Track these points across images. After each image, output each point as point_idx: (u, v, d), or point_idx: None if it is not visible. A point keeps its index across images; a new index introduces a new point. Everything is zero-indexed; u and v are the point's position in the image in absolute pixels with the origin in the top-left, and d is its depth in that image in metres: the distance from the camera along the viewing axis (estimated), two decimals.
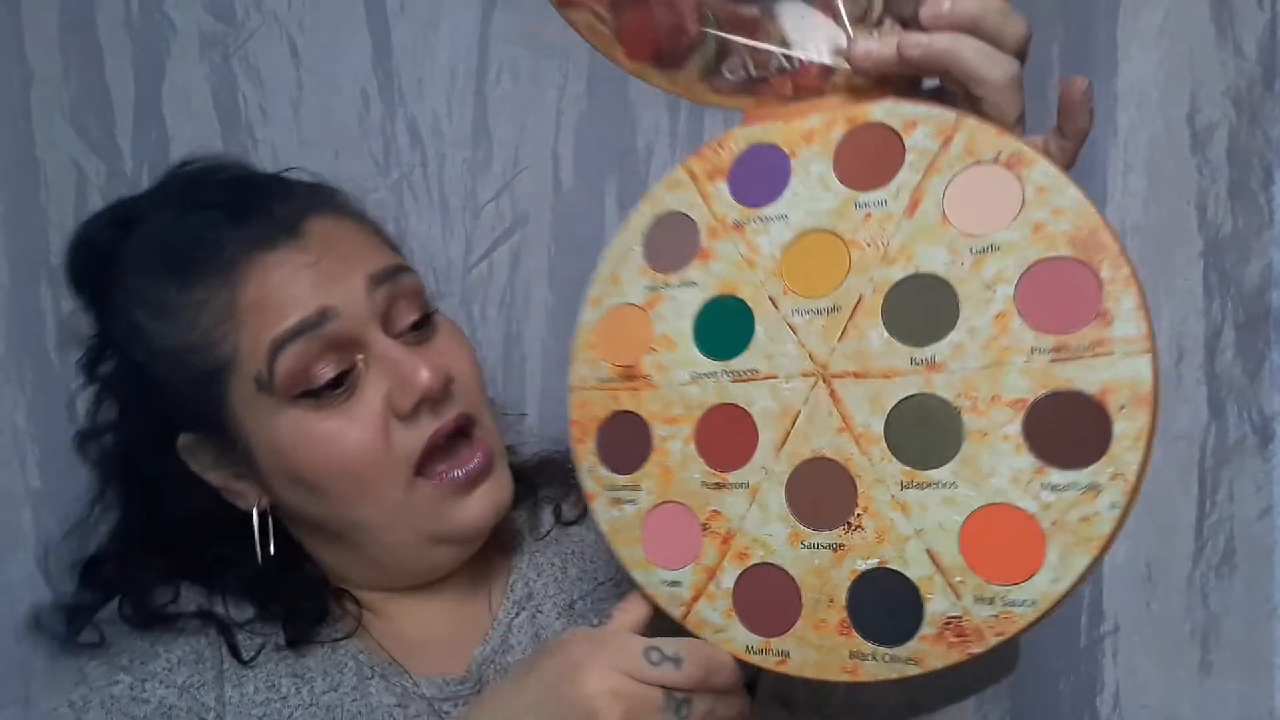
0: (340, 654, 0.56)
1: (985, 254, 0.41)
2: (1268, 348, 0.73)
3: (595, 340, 0.51)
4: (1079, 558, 0.39)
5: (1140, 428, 0.38)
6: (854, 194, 0.44)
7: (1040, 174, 0.41)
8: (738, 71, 0.47)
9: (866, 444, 0.43)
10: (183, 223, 0.55)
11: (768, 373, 0.46)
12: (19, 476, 0.79)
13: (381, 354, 0.54)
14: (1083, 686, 0.78)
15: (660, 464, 0.48)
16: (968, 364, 0.41)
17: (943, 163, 0.43)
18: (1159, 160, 0.75)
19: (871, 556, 0.43)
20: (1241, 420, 0.74)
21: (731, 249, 0.47)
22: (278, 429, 0.53)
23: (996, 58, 0.42)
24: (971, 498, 0.41)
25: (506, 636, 0.61)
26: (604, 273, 0.52)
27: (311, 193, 0.58)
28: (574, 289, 0.84)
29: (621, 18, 0.48)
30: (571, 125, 0.83)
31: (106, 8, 0.80)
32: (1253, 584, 0.74)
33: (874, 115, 0.44)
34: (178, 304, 0.54)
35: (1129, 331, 0.38)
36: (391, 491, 0.54)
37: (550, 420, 0.84)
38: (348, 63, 0.82)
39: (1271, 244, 0.73)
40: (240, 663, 0.54)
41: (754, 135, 0.47)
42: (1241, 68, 0.73)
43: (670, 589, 0.48)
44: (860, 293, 0.44)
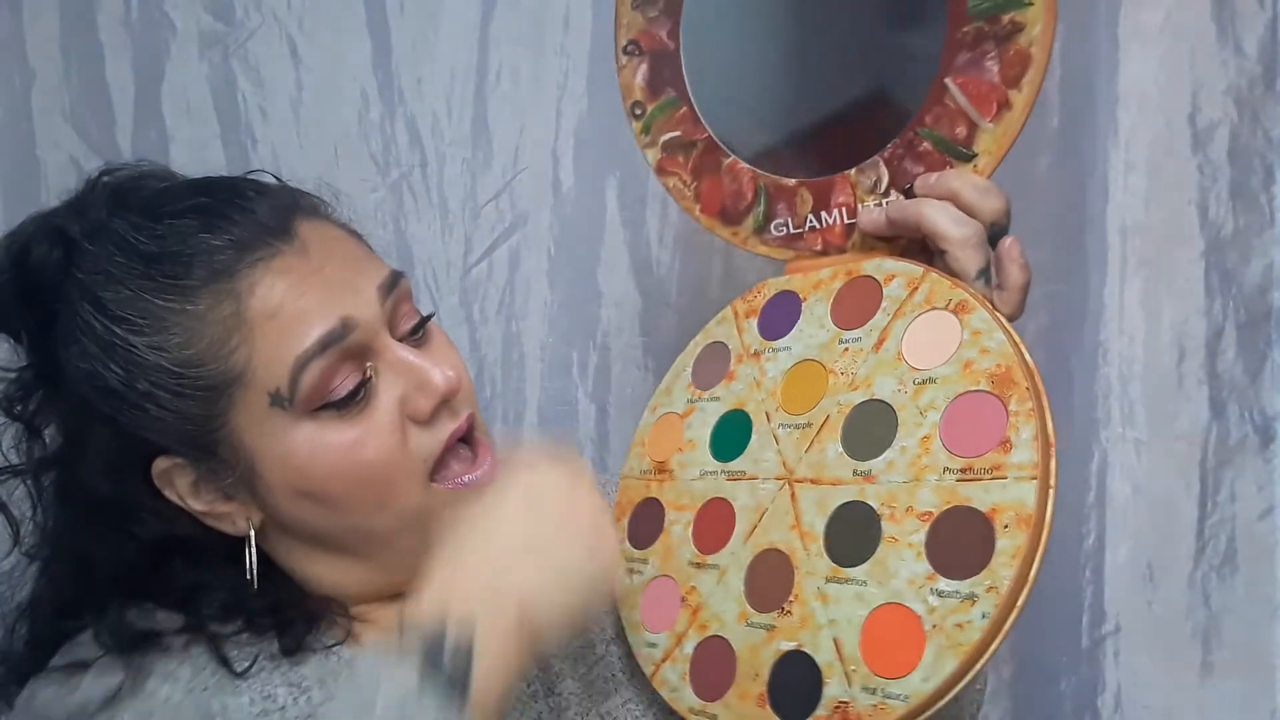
0: (334, 661, 0.55)
1: (924, 385, 0.48)
2: (1269, 347, 0.73)
3: (646, 440, 0.61)
4: (948, 661, 0.43)
5: (1018, 545, 0.42)
6: (840, 332, 0.53)
7: (978, 319, 0.48)
8: (781, 229, 0.59)
9: (808, 540, 0.50)
10: (155, 230, 0.51)
11: (752, 474, 0.54)
12: None
13: (393, 359, 0.53)
14: (1084, 687, 0.78)
15: (665, 543, 0.56)
16: (894, 478, 0.47)
17: (907, 308, 0.51)
18: (1160, 160, 0.75)
19: (793, 639, 0.48)
20: (1243, 420, 0.74)
21: (748, 373, 0.57)
22: (291, 443, 0.52)
23: (960, 220, 0.50)
24: (876, 595, 0.46)
25: None
26: (664, 386, 0.62)
27: (288, 194, 0.57)
28: (574, 289, 0.85)
29: (699, 183, 0.62)
30: (571, 125, 0.83)
31: (106, 8, 0.80)
32: (1254, 584, 0.74)
33: (865, 269, 0.54)
34: (173, 316, 0.50)
35: (1023, 459, 0.44)
36: (409, 497, 0.54)
37: (549, 420, 0.84)
38: (348, 63, 0.82)
39: (1273, 243, 0.72)
40: (234, 675, 0.52)
41: (781, 284, 0.58)
42: (1242, 67, 0.73)
43: (648, 649, 0.55)
44: (828, 412, 0.52)
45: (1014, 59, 0.50)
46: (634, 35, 0.62)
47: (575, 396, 0.84)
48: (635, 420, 0.84)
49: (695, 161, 0.61)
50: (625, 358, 0.84)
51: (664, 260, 0.83)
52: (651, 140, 0.63)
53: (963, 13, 0.51)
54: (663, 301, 0.83)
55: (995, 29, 0.51)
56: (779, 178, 0.59)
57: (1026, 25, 0.50)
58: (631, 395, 0.84)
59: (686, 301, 0.83)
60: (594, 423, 0.85)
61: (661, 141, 0.62)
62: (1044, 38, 0.49)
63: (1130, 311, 0.76)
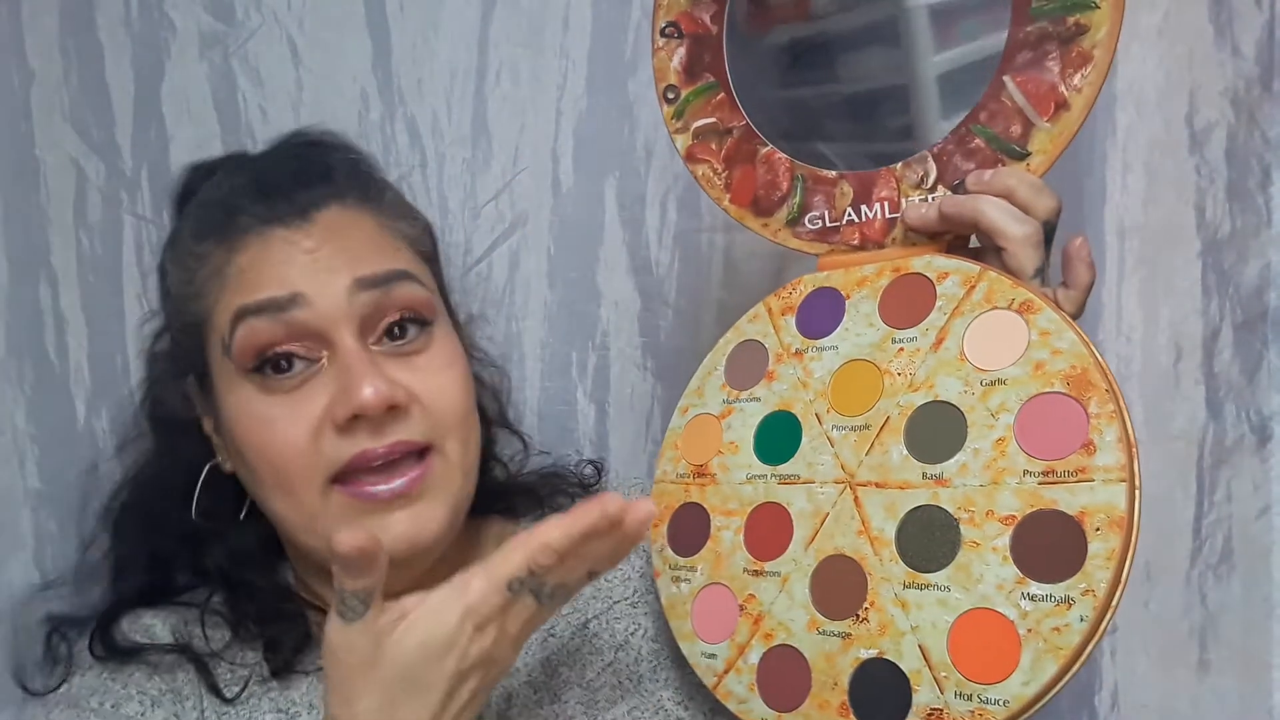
0: None
1: (993, 386, 0.47)
2: (1265, 348, 0.73)
3: (679, 443, 0.59)
4: (1048, 665, 0.43)
5: (1112, 548, 0.42)
6: (892, 331, 0.52)
7: (1045, 320, 0.47)
8: (816, 222, 0.57)
9: (879, 546, 0.49)
10: (225, 183, 0.58)
11: (807, 478, 0.53)
12: (19, 476, 0.79)
13: (342, 357, 0.52)
14: (1081, 685, 0.78)
15: (714, 550, 0.55)
16: (969, 481, 0.47)
17: (965, 307, 0.50)
18: (1157, 160, 0.75)
19: (873, 647, 0.48)
20: (1239, 420, 0.74)
21: (791, 372, 0.55)
22: (231, 397, 0.54)
23: (1020, 218, 0.49)
24: (961, 600, 0.45)
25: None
26: (693, 386, 0.60)
27: (348, 179, 0.58)
28: (574, 289, 0.85)
29: (732, 172, 0.60)
30: (571, 125, 0.83)
31: (106, 8, 0.80)
32: (1251, 583, 0.74)
33: (914, 266, 0.53)
34: (187, 254, 0.56)
35: (1109, 461, 0.43)
36: (307, 494, 0.52)
37: (548, 420, 0.84)
38: (347, 63, 0.82)
39: (1269, 244, 0.73)
40: (223, 700, 0.53)
41: (819, 280, 0.57)
42: (1240, 68, 0.73)
43: (708, 660, 0.54)
44: (888, 414, 0.50)
45: (1076, 59, 0.49)
46: (674, 17, 0.60)
47: (574, 396, 0.84)
48: (635, 420, 0.84)
49: (729, 149, 0.59)
50: (624, 358, 0.84)
51: (663, 260, 0.83)
52: (683, 126, 0.61)
53: (1025, 12, 0.50)
54: (662, 301, 0.83)
55: (1060, 30, 0.50)
56: (818, 169, 0.57)
57: (1092, 28, 0.49)
58: (631, 395, 0.84)
59: (686, 301, 0.83)
60: (593, 423, 0.85)
61: (694, 128, 0.60)
62: (1109, 40, 0.49)
63: (1128, 311, 0.76)
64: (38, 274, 0.80)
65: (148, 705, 0.52)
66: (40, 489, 0.79)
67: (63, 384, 0.80)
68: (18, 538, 0.78)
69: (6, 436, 0.78)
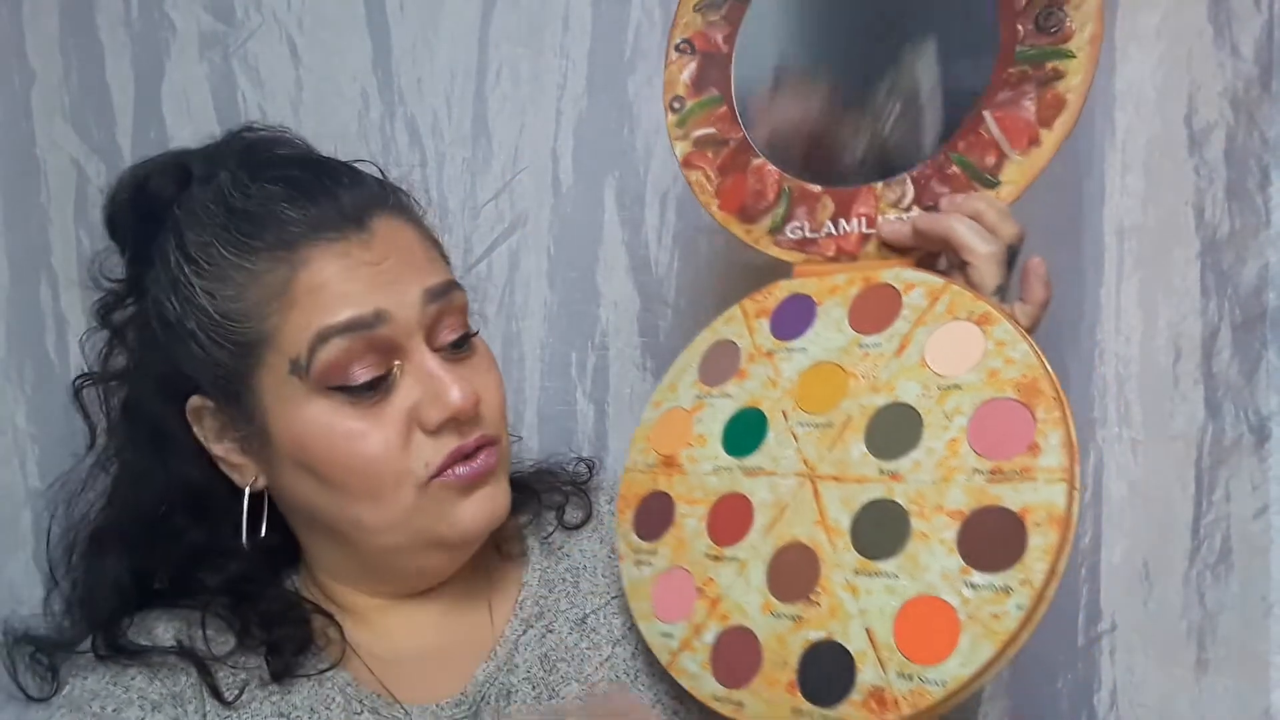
0: (327, 687, 0.55)
1: (949, 391, 0.51)
2: (1264, 348, 0.73)
3: (650, 435, 0.62)
4: (985, 648, 0.45)
5: (1050, 543, 0.45)
6: (859, 336, 0.55)
7: (1001, 331, 0.50)
8: (797, 232, 0.61)
9: (834, 535, 0.52)
10: (247, 189, 0.55)
11: (770, 470, 0.55)
12: (19, 476, 0.79)
13: (419, 364, 0.54)
14: (1080, 685, 0.78)
15: (677, 536, 0.58)
16: (922, 477, 0.50)
17: (928, 317, 0.53)
18: (1156, 161, 0.75)
19: (822, 629, 0.50)
20: (1238, 420, 0.74)
21: (762, 371, 0.58)
22: (302, 415, 0.53)
23: (987, 237, 0.53)
24: (908, 587, 0.48)
25: (512, 654, 0.60)
26: (667, 382, 0.63)
27: (380, 188, 0.59)
28: (574, 289, 0.85)
29: (723, 180, 0.64)
30: (571, 125, 0.83)
31: (106, 8, 0.80)
32: (1249, 583, 0.74)
33: (884, 277, 0.56)
34: (232, 269, 0.54)
35: (1052, 463, 0.46)
36: (400, 498, 0.54)
37: (548, 420, 0.84)
38: (347, 63, 0.82)
39: (1268, 244, 0.73)
40: (223, 704, 0.53)
41: (794, 286, 0.60)
42: (1239, 69, 0.73)
43: (664, 639, 0.56)
44: (850, 414, 0.54)
45: (1051, 101, 0.54)
46: (689, 35, 0.65)
47: (574, 397, 0.84)
48: (635, 420, 0.84)
49: (724, 159, 0.64)
50: (624, 358, 0.84)
51: (663, 260, 0.84)
52: (684, 134, 0.65)
53: (1011, 55, 0.56)
54: (662, 301, 0.83)
55: (1039, 73, 0.55)
56: (805, 183, 0.61)
57: (1067, 74, 0.54)
58: (630, 395, 0.84)
59: (685, 301, 0.83)
60: (592, 423, 0.85)
61: (694, 136, 0.65)
62: (1081, 87, 0.54)
63: (1127, 312, 0.76)
64: (38, 274, 0.80)
65: (148, 710, 0.52)
66: (40, 489, 0.79)
67: (63, 384, 0.79)
68: (18, 538, 0.79)
69: (6, 436, 0.79)
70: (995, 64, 0.56)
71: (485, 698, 0.58)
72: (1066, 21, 0.54)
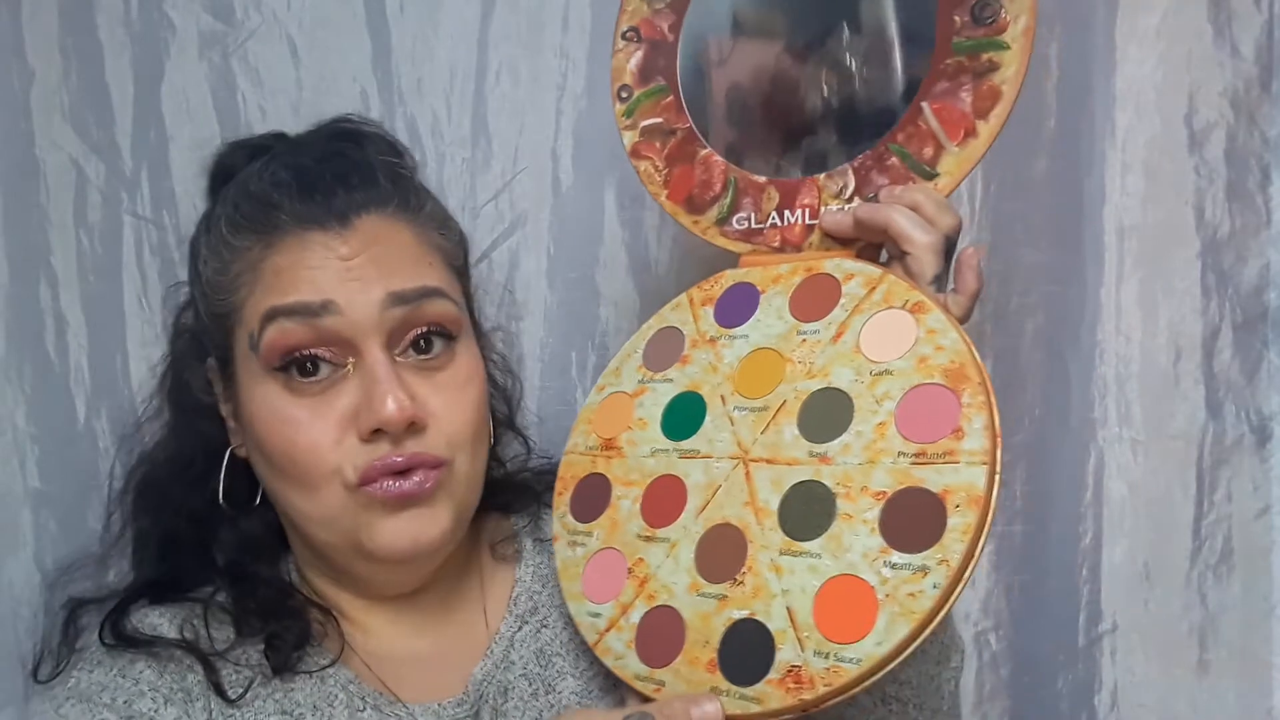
0: (329, 684, 0.55)
1: (880, 376, 0.51)
2: (1265, 348, 0.73)
3: (593, 418, 0.62)
4: (901, 627, 0.46)
5: (969, 523, 0.46)
6: (798, 324, 0.56)
7: (933, 319, 0.51)
8: (743, 222, 0.62)
9: (762, 516, 0.52)
10: (264, 174, 0.58)
11: (706, 453, 0.56)
12: (19, 476, 0.79)
13: (369, 367, 0.54)
14: (1081, 685, 0.78)
15: (611, 518, 0.58)
16: (850, 460, 0.50)
17: (865, 305, 0.54)
18: (1156, 161, 0.75)
19: (745, 608, 0.50)
20: (1239, 420, 0.74)
21: (704, 357, 0.59)
22: (254, 393, 0.55)
23: (925, 227, 0.54)
24: (830, 567, 0.49)
25: (508, 652, 0.60)
26: (612, 367, 0.64)
27: (390, 186, 0.58)
28: (574, 289, 0.85)
29: (671, 170, 0.64)
30: (571, 125, 0.83)
31: (106, 8, 0.80)
32: (1250, 583, 0.74)
33: (825, 268, 0.57)
34: (222, 243, 0.57)
35: (974, 446, 0.47)
36: (330, 495, 0.54)
37: (549, 419, 0.84)
38: (347, 63, 0.82)
39: (1269, 244, 0.73)
40: (228, 702, 0.53)
41: (739, 275, 0.61)
42: (1239, 68, 0.73)
43: (591, 619, 0.56)
44: (785, 398, 0.54)
45: (986, 93, 0.55)
46: (635, 23, 0.65)
47: (574, 397, 0.84)
48: None
49: (672, 149, 0.64)
50: None
51: (663, 260, 0.83)
52: (632, 124, 0.65)
53: (948, 47, 0.56)
54: (662, 301, 0.83)
55: (974, 64, 0.55)
56: (750, 174, 0.62)
57: (1002, 66, 0.55)
58: None
59: None
60: None
61: (642, 126, 0.65)
62: (1016, 78, 0.54)
63: (1127, 311, 0.76)
64: (38, 274, 0.80)
65: (160, 702, 0.52)
66: (40, 489, 0.79)
67: (62, 384, 0.80)
68: (18, 538, 0.78)
69: (6, 436, 0.78)
70: (932, 55, 0.56)
71: (484, 696, 0.58)
72: (1002, 13, 0.55)
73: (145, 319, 0.80)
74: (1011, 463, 0.80)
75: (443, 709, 0.57)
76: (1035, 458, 0.80)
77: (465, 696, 0.58)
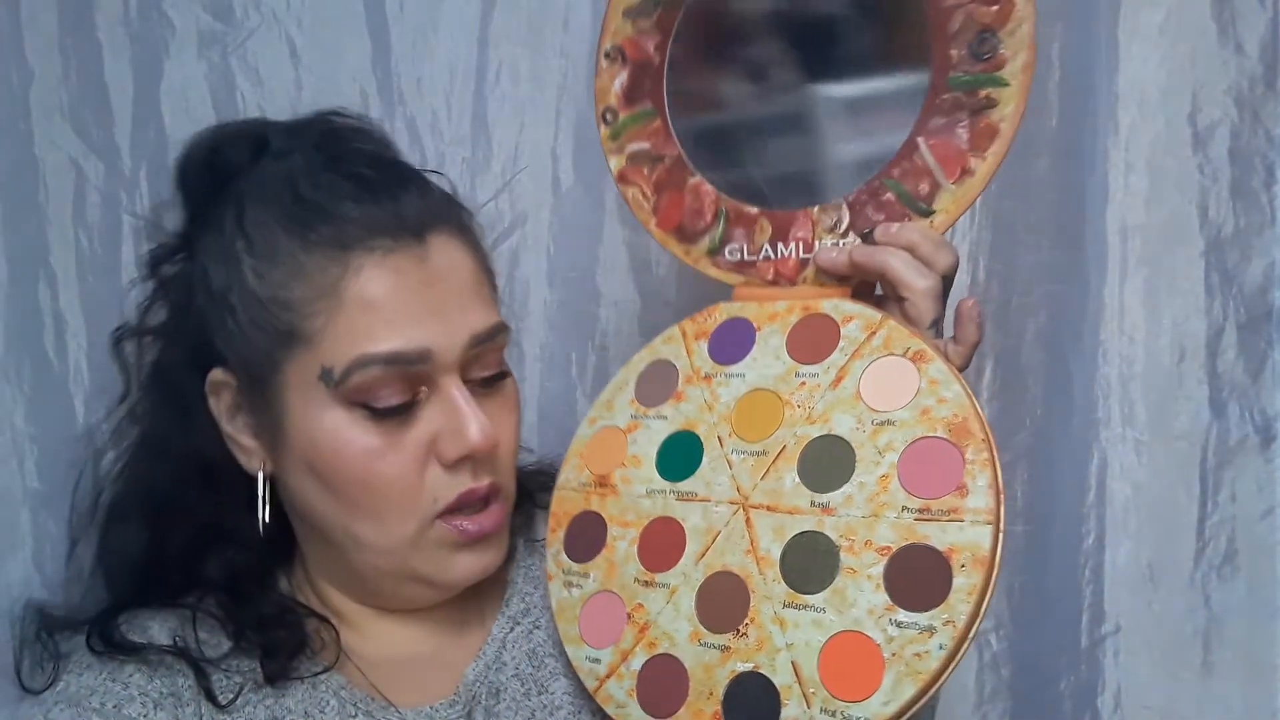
0: (321, 690, 0.55)
1: (882, 426, 0.51)
2: (1270, 347, 0.73)
3: (585, 452, 0.61)
4: (908, 687, 0.45)
5: (974, 584, 0.46)
6: (796, 365, 0.55)
7: (935, 370, 0.51)
8: (735, 254, 0.60)
9: (764, 566, 0.52)
10: (317, 177, 0.54)
11: (704, 496, 0.55)
12: (18, 476, 0.79)
13: (446, 394, 0.54)
14: (1084, 687, 0.78)
15: (608, 559, 0.57)
16: (853, 512, 0.50)
17: (865, 350, 0.54)
18: (1160, 159, 0.75)
19: (749, 660, 0.50)
20: (1243, 420, 0.74)
21: (699, 394, 0.58)
22: (322, 420, 0.53)
23: (923, 272, 0.53)
24: (835, 622, 0.48)
25: (500, 653, 0.60)
26: (603, 399, 0.62)
27: (445, 203, 0.58)
28: (574, 289, 0.85)
29: (660, 198, 0.62)
30: (571, 125, 0.83)
31: (105, 7, 0.80)
32: (1255, 585, 0.74)
33: (823, 308, 0.56)
34: (285, 256, 0.53)
35: (979, 505, 0.47)
36: (404, 524, 0.54)
37: (548, 420, 0.84)
38: (347, 62, 0.82)
39: (1273, 243, 0.72)
40: (217, 707, 0.53)
41: (734, 310, 0.60)
42: (1243, 66, 0.73)
43: (591, 664, 0.56)
44: (785, 443, 0.54)
45: (984, 130, 0.54)
46: (619, 42, 0.63)
47: (574, 397, 0.84)
48: None
49: (660, 176, 0.62)
50: (624, 358, 0.83)
51: (663, 260, 0.83)
52: (618, 148, 0.64)
53: (944, 82, 0.55)
54: (662, 301, 0.83)
55: (971, 101, 0.54)
56: (741, 204, 0.60)
57: (1000, 102, 0.53)
58: None
59: (685, 301, 0.83)
60: None
61: (629, 151, 0.63)
62: (1014, 116, 0.53)
63: (1130, 311, 0.76)
64: (37, 274, 0.80)
65: (150, 707, 0.52)
66: (40, 489, 0.79)
67: (62, 384, 0.80)
68: (17, 538, 0.78)
69: (6, 436, 0.78)
70: (928, 90, 0.55)
71: (476, 697, 0.58)
72: (1000, 49, 0.53)
73: (130, 286, 0.79)
74: (1013, 463, 0.79)
75: (435, 711, 0.56)
76: (1037, 458, 0.80)
77: (456, 697, 0.57)
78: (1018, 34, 0.53)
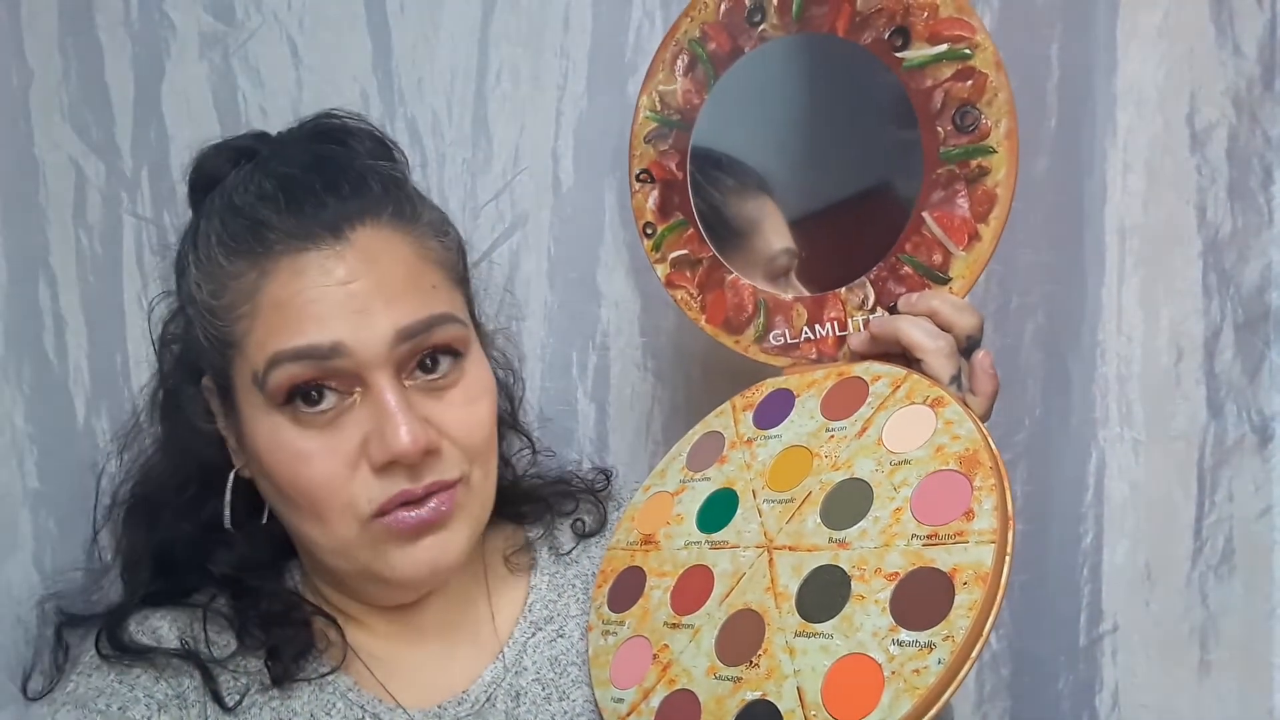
0: (328, 692, 0.55)
1: (899, 465, 0.53)
2: (1267, 348, 0.73)
3: (636, 515, 0.64)
4: (904, 703, 0.46)
5: (975, 600, 0.46)
6: (827, 422, 0.59)
7: (950, 412, 0.53)
8: (779, 339, 0.65)
9: (781, 600, 0.53)
10: (249, 185, 0.55)
11: (734, 544, 0.57)
12: (18, 476, 0.79)
13: (377, 397, 0.52)
14: (1081, 686, 0.78)
15: (643, 607, 0.59)
16: (866, 544, 0.52)
17: (890, 403, 0.56)
18: (1158, 160, 0.75)
19: (758, 689, 0.51)
20: (1241, 420, 0.74)
21: (740, 457, 0.62)
22: (259, 426, 0.53)
23: (934, 334, 0.56)
24: (840, 646, 0.49)
25: (520, 657, 0.60)
26: (659, 469, 0.66)
27: (382, 192, 0.56)
28: (574, 289, 0.85)
29: (705, 296, 0.68)
30: (571, 125, 0.83)
31: (106, 8, 0.80)
32: (1252, 584, 0.74)
33: (855, 371, 0.60)
34: (216, 266, 0.54)
35: (984, 526, 0.48)
36: (342, 527, 0.53)
37: (548, 420, 0.84)
38: (347, 63, 0.82)
39: (1271, 244, 0.73)
40: (223, 709, 0.53)
41: (778, 383, 0.64)
42: (1241, 67, 0.73)
43: (614, 704, 0.57)
44: (810, 489, 0.56)
45: (982, 197, 0.58)
46: (646, 165, 0.69)
47: (575, 397, 0.84)
48: (635, 421, 0.84)
49: (701, 277, 0.68)
50: (625, 358, 0.84)
51: None
52: (661, 257, 0.69)
53: (935, 157, 0.59)
54: (663, 301, 0.83)
55: (965, 171, 0.58)
56: (776, 293, 0.66)
57: (992, 169, 0.57)
58: (631, 395, 0.84)
59: None
60: (593, 423, 0.85)
61: (671, 258, 0.69)
62: (1008, 180, 0.57)
63: (1128, 311, 0.76)
64: (37, 274, 0.80)
65: (154, 709, 0.52)
66: (40, 489, 0.79)
67: (62, 384, 0.80)
68: (17, 538, 0.78)
69: (6, 436, 0.78)
70: (924, 167, 0.59)
71: (492, 699, 0.58)
72: (982, 119, 0.57)
73: (145, 319, 0.79)
74: (1012, 462, 0.80)
75: (443, 710, 0.57)
76: (1036, 458, 0.80)
77: (466, 695, 0.57)
78: (995, 103, 0.56)
